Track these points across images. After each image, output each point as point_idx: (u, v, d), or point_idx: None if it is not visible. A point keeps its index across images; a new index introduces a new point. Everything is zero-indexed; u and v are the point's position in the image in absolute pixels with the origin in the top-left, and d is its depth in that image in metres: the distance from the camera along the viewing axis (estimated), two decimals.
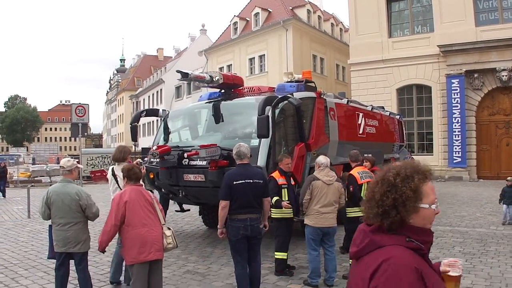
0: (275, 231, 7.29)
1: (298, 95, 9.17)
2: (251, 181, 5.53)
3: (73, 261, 5.60)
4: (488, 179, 23.12)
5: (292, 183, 7.44)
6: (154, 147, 9.12)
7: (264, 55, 37.49)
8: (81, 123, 14.84)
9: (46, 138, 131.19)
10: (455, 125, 24.05)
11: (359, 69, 27.87)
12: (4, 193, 20.11)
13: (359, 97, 23.85)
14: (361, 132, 12.43)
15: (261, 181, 5.67)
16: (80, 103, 15.05)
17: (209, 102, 10.01)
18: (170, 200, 10.59)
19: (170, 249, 5.14)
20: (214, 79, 9.24)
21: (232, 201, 5.46)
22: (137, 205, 4.88)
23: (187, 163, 8.57)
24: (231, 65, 40.98)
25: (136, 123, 10.48)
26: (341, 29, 43.35)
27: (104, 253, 5.36)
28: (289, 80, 10.67)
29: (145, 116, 10.59)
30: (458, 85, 23.86)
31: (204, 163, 8.19)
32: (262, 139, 7.98)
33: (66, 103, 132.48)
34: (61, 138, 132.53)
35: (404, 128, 18.38)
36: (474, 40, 23.32)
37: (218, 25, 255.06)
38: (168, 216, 11.18)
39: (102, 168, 30.44)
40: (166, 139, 10.11)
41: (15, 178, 30.41)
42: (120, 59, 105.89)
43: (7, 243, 9.87)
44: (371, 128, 13.26)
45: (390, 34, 27.28)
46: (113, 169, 6.70)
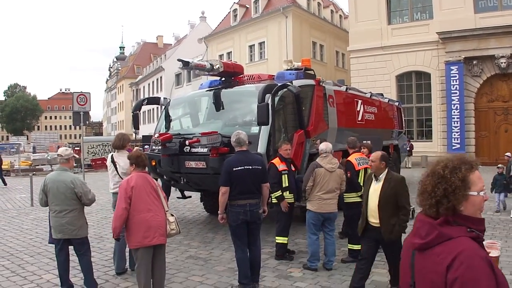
0: (276, 216, 7.45)
1: (297, 82, 9.28)
2: (250, 167, 5.67)
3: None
4: (487, 165, 23.11)
5: (292, 169, 7.59)
6: (156, 135, 9.22)
7: (264, 42, 37.42)
8: (82, 111, 14.88)
9: (46, 126, 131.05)
10: (454, 112, 24.15)
11: (358, 56, 27.89)
12: (4, 181, 20.17)
13: (359, 84, 23.93)
14: (360, 119, 12.54)
15: (260, 167, 5.81)
16: (81, 91, 15.06)
17: (209, 90, 10.09)
18: (172, 187, 10.74)
19: (173, 235, 5.29)
20: (214, 67, 9.34)
21: (232, 187, 5.59)
22: (143, 191, 5.02)
23: (188, 151, 8.70)
24: (231, 52, 40.91)
25: (138, 111, 10.58)
26: (340, 15, 43.17)
27: (119, 240, 5.51)
28: (289, 68, 10.73)
29: (146, 104, 10.68)
30: (457, 72, 23.92)
31: (205, 150, 8.33)
32: (262, 127, 8.12)
33: (66, 91, 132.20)
34: (61, 126, 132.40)
35: (403, 115, 18.45)
36: (473, 27, 23.34)
37: (218, 12, 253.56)
38: (170, 203, 11.31)
39: (103, 156, 30.59)
40: (168, 127, 10.23)
41: (16, 167, 30.51)
42: (120, 47, 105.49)
43: (12, 231, 10.03)
44: (370, 115, 13.36)
45: (390, 21, 27.26)
46: (112, 156, 6.77)
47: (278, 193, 7.05)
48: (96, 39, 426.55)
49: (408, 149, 21.69)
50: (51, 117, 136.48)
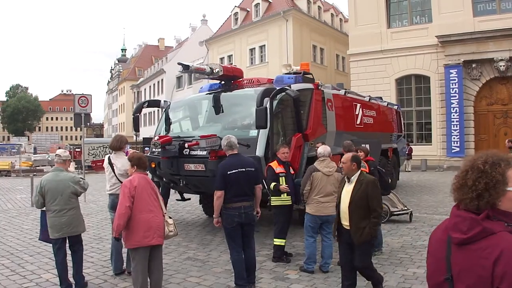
0: (274, 218, 7.53)
1: (296, 86, 9.35)
2: (244, 169, 5.79)
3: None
4: None
5: (291, 172, 7.67)
6: (156, 137, 9.32)
7: (264, 45, 37.55)
8: (83, 113, 14.95)
9: (47, 127, 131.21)
10: (454, 115, 24.24)
11: (358, 59, 28.00)
12: None
13: (359, 87, 24.03)
14: (358, 122, 12.60)
15: (253, 169, 5.93)
16: (83, 93, 15.13)
17: (209, 94, 10.18)
18: (171, 189, 10.82)
19: (171, 236, 5.40)
20: (214, 71, 9.43)
21: (226, 190, 5.68)
22: (145, 191, 5.13)
23: (187, 153, 8.76)
24: (231, 55, 41.04)
25: (138, 114, 10.67)
26: (341, 19, 43.29)
27: (119, 240, 5.61)
28: (288, 72, 10.81)
29: (147, 107, 10.74)
30: (456, 75, 24.01)
31: (204, 153, 8.40)
32: (261, 130, 8.21)
33: (68, 93, 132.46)
34: (62, 127, 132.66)
35: (402, 118, 18.52)
36: (472, 31, 23.43)
37: (219, 15, 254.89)
38: (169, 205, 11.43)
39: (103, 158, 30.57)
40: (168, 129, 10.31)
41: (17, 167, 30.60)
42: (122, 49, 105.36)
43: (12, 230, 10.13)
44: (368, 119, 13.43)
45: (389, 24, 27.37)
46: (109, 157, 6.79)
47: (272, 184, 7.13)
48: (98, 41, 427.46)
49: (407, 152, 21.74)
50: (52, 118, 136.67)
